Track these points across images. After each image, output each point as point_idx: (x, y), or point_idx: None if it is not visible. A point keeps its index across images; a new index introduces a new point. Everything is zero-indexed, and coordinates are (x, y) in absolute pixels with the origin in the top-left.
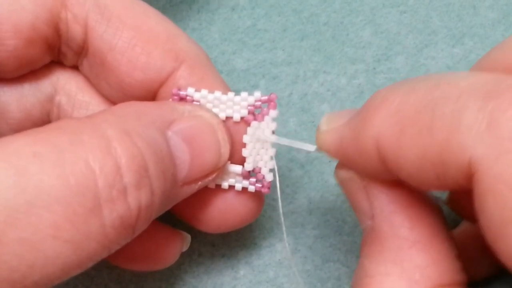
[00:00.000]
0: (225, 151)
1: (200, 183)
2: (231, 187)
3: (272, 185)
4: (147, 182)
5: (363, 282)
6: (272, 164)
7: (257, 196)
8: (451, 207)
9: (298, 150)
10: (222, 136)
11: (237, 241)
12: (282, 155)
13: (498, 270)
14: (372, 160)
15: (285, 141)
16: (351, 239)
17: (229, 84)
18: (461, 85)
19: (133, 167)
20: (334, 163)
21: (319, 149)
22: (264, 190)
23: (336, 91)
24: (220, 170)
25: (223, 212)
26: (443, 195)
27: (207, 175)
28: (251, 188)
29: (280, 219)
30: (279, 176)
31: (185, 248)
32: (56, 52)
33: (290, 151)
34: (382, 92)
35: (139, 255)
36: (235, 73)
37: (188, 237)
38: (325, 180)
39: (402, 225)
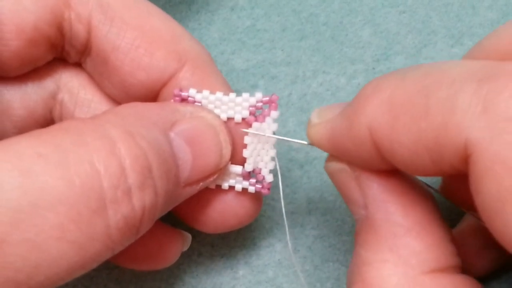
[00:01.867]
0: (227, 152)
1: (201, 184)
2: (231, 187)
3: (272, 184)
4: (151, 183)
5: (361, 271)
6: (273, 165)
7: (256, 197)
8: (444, 195)
9: (298, 151)
10: (223, 137)
11: (237, 241)
12: (282, 155)
13: (496, 267)
14: (366, 148)
15: (278, 137)
16: (350, 239)
17: (231, 84)
18: (454, 71)
19: (137, 168)
20: None
21: (311, 142)
22: (264, 191)
23: (335, 91)
24: (221, 171)
25: (221, 213)
26: (435, 184)
27: (208, 176)
28: (251, 189)
29: (283, 218)
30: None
31: (185, 247)
32: (59, 50)
33: (289, 152)
34: (374, 82)
35: (140, 254)
36: (234, 73)
37: (188, 237)
38: (324, 180)
39: (396, 212)
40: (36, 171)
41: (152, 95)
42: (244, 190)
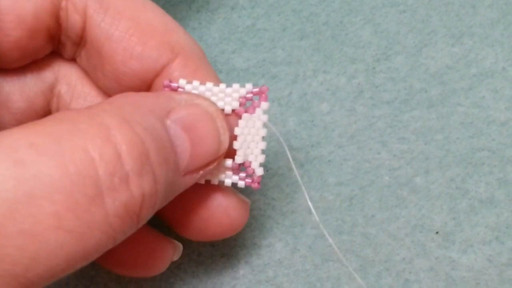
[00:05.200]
0: (225, 138)
1: (201, 172)
2: (219, 189)
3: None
4: (149, 169)
5: None
6: (263, 158)
7: (242, 207)
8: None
9: (298, 150)
10: (221, 123)
11: (237, 240)
12: (282, 155)
13: None
14: None
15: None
16: (350, 239)
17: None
18: None
19: (134, 154)
20: (334, 163)
21: None
22: (254, 185)
23: (335, 91)
24: (220, 158)
25: (205, 220)
26: None
27: (208, 164)
28: (241, 184)
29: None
30: (280, 176)
31: (176, 257)
32: (56, 42)
33: (290, 151)
34: None
35: (129, 260)
36: (234, 73)
37: (179, 246)
38: (324, 179)
39: None
40: (30, 161)
41: (145, 86)
42: (232, 198)
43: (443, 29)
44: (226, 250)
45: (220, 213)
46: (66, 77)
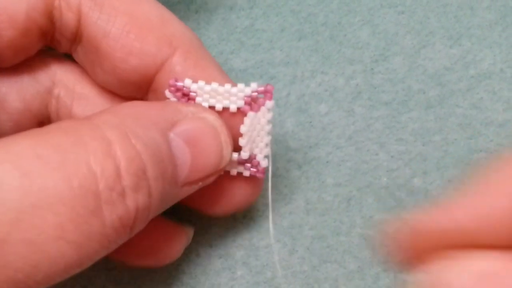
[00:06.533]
0: (227, 153)
1: (200, 183)
2: (227, 172)
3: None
4: (145, 184)
5: None
6: (267, 151)
7: (254, 180)
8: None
9: (296, 151)
10: (224, 138)
11: (235, 241)
12: (280, 156)
13: None
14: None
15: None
16: (348, 240)
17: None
18: None
19: (131, 170)
20: (332, 164)
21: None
22: (259, 175)
23: (333, 92)
24: (221, 171)
25: (218, 194)
26: None
27: (208, 177)
28: (246, 173)
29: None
30: (278, 177)
31: (188, 242)
32: (49, 39)
33: (287, 152)
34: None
35: (143, 250)
36: (233, 73)
37: (191, 231)
38: (322, 180)
39: None
40: (36, 172)
41: (146, 82)
42: (240, 174)
43: (441, 30)
44: (224, 251)
45: (232, 186)
46: (63, 80)
